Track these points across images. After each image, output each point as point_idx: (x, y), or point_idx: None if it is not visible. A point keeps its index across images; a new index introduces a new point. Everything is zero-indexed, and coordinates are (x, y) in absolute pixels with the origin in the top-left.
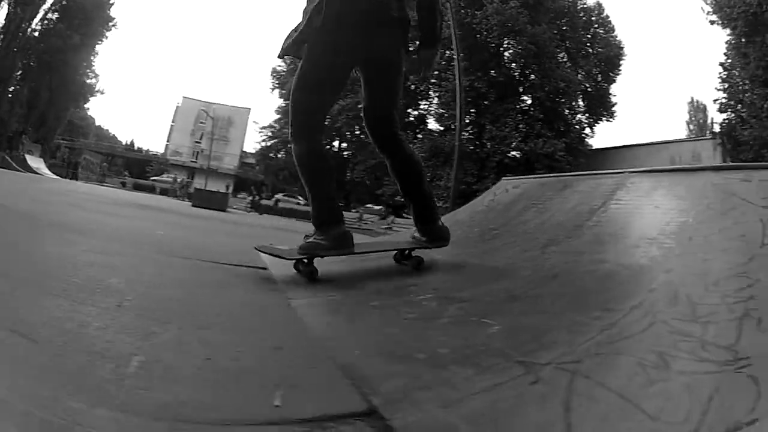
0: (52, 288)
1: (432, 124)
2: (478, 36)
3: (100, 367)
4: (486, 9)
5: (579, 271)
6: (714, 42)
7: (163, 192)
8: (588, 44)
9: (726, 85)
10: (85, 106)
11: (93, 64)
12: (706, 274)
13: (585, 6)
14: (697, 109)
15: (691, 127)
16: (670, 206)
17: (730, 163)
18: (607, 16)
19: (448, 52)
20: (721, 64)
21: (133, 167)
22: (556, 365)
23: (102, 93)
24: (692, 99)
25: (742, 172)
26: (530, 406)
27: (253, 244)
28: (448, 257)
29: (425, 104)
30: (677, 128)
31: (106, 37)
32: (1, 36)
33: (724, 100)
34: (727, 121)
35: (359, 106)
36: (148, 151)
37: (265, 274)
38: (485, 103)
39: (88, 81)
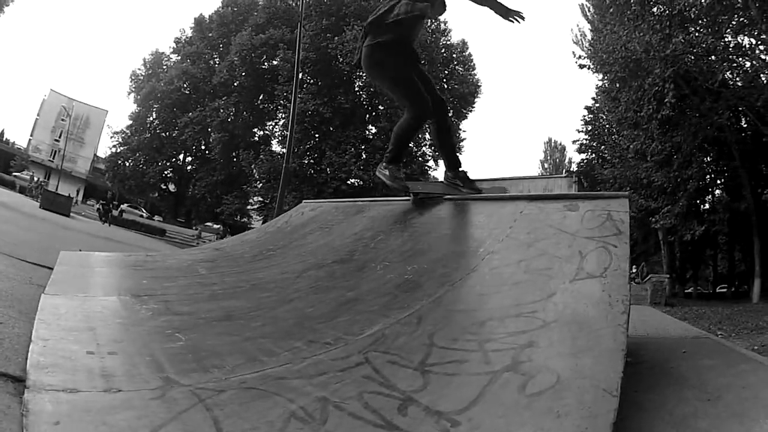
0: None
1: (275, 146)
2: (333, 62)
3: None
4: (345, 35)
5: (318, 298)
6: (575, 86)
7: (22, 190)
8: (444, 80)
9: (589, 127)
10: None
11: None
12: (475, 312)
13: (448, 43)
14: (554, 149)
15: (546, 165)
16: (462, 234)
17: (552, 193)
18: (470, 55)
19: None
20: (587, 108)
21: (1, 160)
22: (194, 389)
23: None
24: (550, 139)
25: (565, 201)
26: (112, 417)
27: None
28: (209, 271)
29: (271, 125)
30: (531, 167)
31: (4, 12)
32: None
33: (585, 141)
34: (586, 160)
35: (208, 120)
36: (14, 144)
37: (44, 272)
38: (330, 128)
39: None
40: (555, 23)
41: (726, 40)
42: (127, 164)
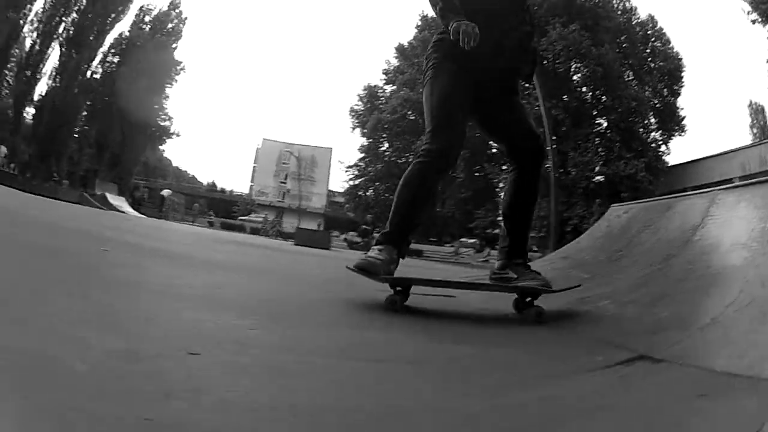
0: (193, 299)
1: None
2: (545, 63)
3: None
4: (550, 35)
5: (696, 276)
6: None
7: (254, 231)
8: (649, 59)
9: None
10: (161, 147)
11: (165, 106)
12: None
13: (639, 20)
14: (757, 111)
15: (755, 130)
16: (752, 216)
17: None
18: (662, 29)
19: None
20: None
21: (217, 207)
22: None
23: (178, 135)
24: (750, 102)
25: None
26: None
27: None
28: (584, 273)
29: None
30: (743, 133)
31: (176, 81)
32: (58, 77)
33: None
34: None
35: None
36: (231, 192)
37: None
38: (563, 129)
39: (162, 123)
40: None
41: None
42: (368, 194)
